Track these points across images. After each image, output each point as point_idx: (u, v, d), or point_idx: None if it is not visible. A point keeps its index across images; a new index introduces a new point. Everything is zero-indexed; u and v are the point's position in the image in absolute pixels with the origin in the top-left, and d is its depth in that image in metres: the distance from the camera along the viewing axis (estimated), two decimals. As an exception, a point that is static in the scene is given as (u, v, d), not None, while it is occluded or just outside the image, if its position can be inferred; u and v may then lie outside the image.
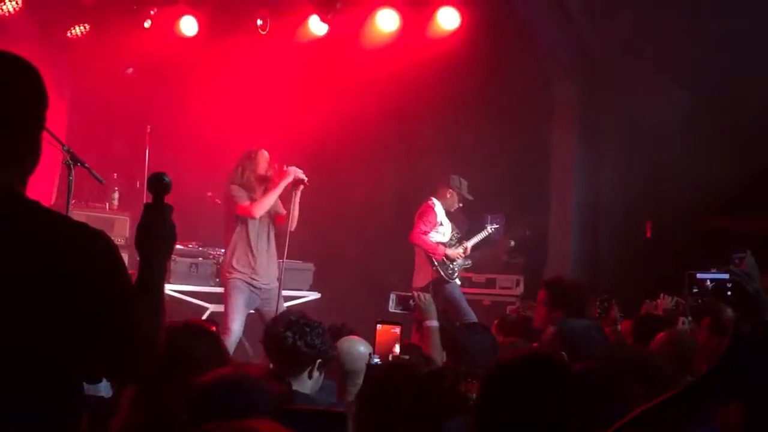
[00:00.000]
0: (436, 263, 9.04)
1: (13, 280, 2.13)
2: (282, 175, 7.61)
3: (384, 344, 5.08)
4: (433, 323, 5.42)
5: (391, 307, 5.86)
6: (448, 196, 9.24)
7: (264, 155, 7.73)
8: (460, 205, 9.35)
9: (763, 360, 2.19)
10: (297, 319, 4.61)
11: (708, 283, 4.84)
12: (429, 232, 9.09)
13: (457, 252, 9.16)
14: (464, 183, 9.30)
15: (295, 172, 7.60)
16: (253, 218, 7.55)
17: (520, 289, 10.50)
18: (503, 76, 10.31)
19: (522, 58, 10.25)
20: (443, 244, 9.14)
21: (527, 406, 2.28)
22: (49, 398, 2.16)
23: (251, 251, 7.63)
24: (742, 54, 8.96)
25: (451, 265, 9.13)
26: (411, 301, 5.71)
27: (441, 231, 9.18)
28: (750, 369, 2.20)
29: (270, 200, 7.60)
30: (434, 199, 9.20)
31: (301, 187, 7.65)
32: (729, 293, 4.61)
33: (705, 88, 9.25)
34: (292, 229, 7.75)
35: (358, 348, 4.69)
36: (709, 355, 4.81)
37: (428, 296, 5.69)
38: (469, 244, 9.34)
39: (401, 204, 10.58)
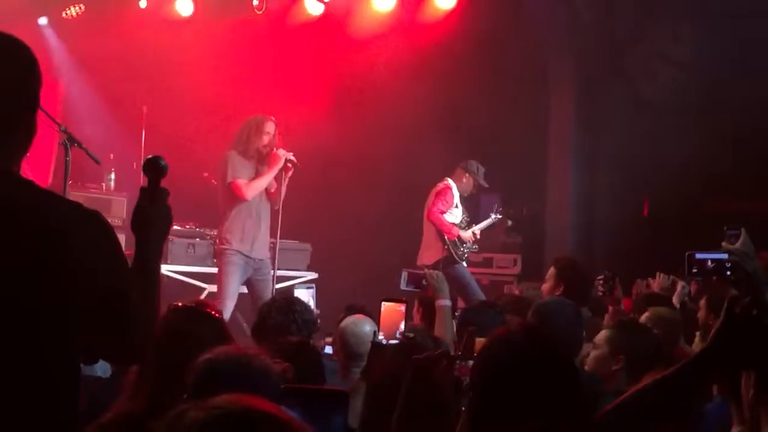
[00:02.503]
0: (448, 242, 9.03)
1: (7, 260, 2.12)
2: (274, 158, 7.61)
3: (389, 322, 5.07)
4: (446, 302, 5.39)
5: (403, 285, 5.84)
6: (464, 180, 9.22)
7: (270, 126, 7.72)
8: (474, 191, 9.34)
9: (757, 338, 2.20)
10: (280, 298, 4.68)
11: (709, 263, 4.83)
12: (445, 212, 9.08)
13: (468, 235, 9.17)
14: (481, 169, 9.28)
15: (285, 156, 7.60)
16: (245, 200, 7.58)
17: (518, 268, 10.51)
18: (500, 54, 10.28)
19: (519, 37, 10.22)
20: (456, 225, 9.14)
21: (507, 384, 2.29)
22: (44, 379, 2.16)
23: (247, 224, 7.66)
24: (743, 35, 8.92)
25: (462, 247, 9.14)
26: (423, 281, 5.68)
27: (455, 213, 9.18)
28: (743, 347, 2.20)
29: (262, 184, 7.63)
30: (450, 181, 9.18)
31: (292, 169, 7.67)
32: (728, 273, 4.61)
33: (704, 67, 9.23)
34: (277, 207, 7.77)
35: (363, 328, 4.68)
36: (708, 333, 4.82)
37: (440, 274, 5.66)
38: (477, 229, 9.34)
39: (398, 183, 10.57)
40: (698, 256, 4.88)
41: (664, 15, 9.58)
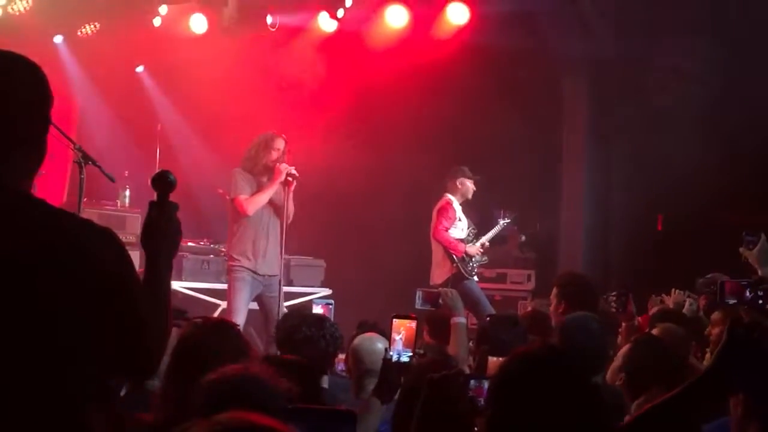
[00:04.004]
0: (456, 260, 9.02)
1: (18, 278, 2.13)
2: (276, 173, 7.64)
3: (403, 339, 5.06)
4: (461, 320, 5.40)
5: (418, 304, 5.84)
6: (459, 186, 9.22)
7: (280, 143, 7.76)
8: (474, 188, 9.30)
9: (757, 360, 2.21)
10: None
11: (747, 294, 4.78)
12: (449, 229, 9.08)
13: (475, 248, 9.15)
14: (464, 168, 9.28)
15: (287, 170, 7.63)
16: (247, 215, 7.61)
17: (532, 284, 10.47)
18: (513, 70, 10.29)
19: (531, 54, 10.23)
20: (462, 240, 9.13)
21: (530, 406, 2.28)
22: (58, 397, 2.15)
23: (255, 240, 7.68)
24: (756, 44, 8.90)
25: (470, 262, 9.12)
26: (440, 300, 5.68)
27: (459, 227, 9.18)
28: (744, 369, 2.21)
29: (263, 199, 7.66)
30: (449, 195, 9.18)
31: (294, 183, 7.68)
32: (761, 302, 4.59)
33: (716, 82, 9.22)
34: (288, 223, 7.78)
35: (377, 345, 4.68)
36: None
37: (455, 292, 5.67)
38: (485, 239, 9.32)
39: (411, 200, 10.57)
40: (730, 283, 4.84)
41: (677, 27, 9.57)
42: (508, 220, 9.64)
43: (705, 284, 6.73)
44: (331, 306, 6.48)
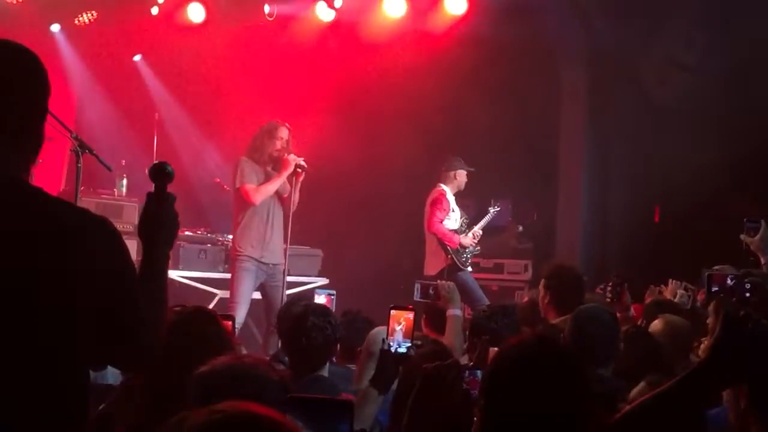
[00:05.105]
0: (451, 251, 9.03)
1: (14, 268, 2.12)
2: (284, 164, 7.64)
3: (401, 330, 5.08)
4: (456, 312, 5.41)
5: (416, 296, 5.85)
6: (455, 177, 9.22)
7: (284, 132, 7.78)
8: (467, 179, 9.30)
9: (751, 352, 2.22)
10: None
11: (728, 281, 4.79)
12: (443, 220, 9.09)
13: (469, 239, 9.16)
14: (459, 159, 9.28)
15: (296, 161, 7.63)
16: (253, 204, 7.61)
17: (529, 275, 10.48)
18: (511, 60, 10.27)
19: (529, 43, 10.21)
20: (456, 231, 9.14)
21: (526, 394, 2.29)
22: (51, 383, 2.15)
23: (259, 229, 7.68)
24: (754, 36, 8.89)
25: (464, 253, 9.13)
26: (430, 290, 5.69)
27: (453, 217, 9.19)
28: (739, 361, 2.22)
29: (271, 189, 7.67)
30: (443, 186, 9.19)
31: (303, 174, 7.69)
32: (747, 294, 4.59)
33: (715, 71, 9.21)
34: (293, 210, 7.79)
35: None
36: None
37: (451, 284, 5.68)
38: (477, 228, 9.33)
39: (409, 188, 10.56)
40: (716, 274, 4.84)
41: (676, 20, 9.55)
42: (498, 208, 9.65)
43: None
44: (333, 296, 6.52)
